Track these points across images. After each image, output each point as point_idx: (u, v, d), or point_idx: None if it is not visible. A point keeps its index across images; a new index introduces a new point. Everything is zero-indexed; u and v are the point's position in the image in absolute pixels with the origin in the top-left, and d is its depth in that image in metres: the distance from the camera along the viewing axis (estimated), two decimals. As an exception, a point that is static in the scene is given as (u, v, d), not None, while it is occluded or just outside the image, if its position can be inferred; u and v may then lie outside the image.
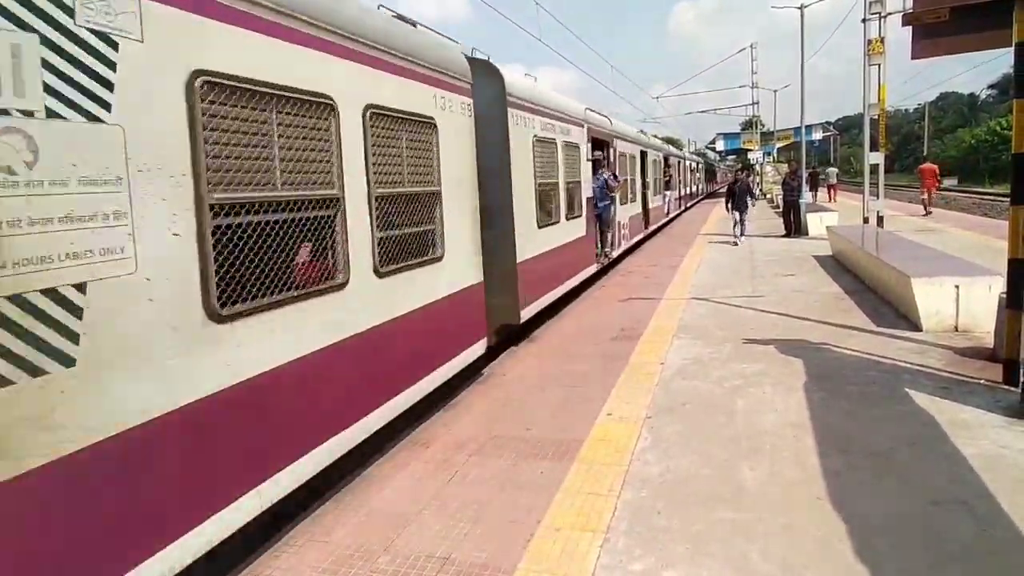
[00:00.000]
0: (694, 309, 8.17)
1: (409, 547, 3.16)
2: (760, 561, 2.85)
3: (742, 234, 15.68)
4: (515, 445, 4.32)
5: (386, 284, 4.28)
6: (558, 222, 8.61)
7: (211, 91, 2.85)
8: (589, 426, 4.52)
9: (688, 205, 31.72)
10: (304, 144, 3.50)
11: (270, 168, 3.21)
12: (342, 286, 3.81)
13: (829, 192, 28.72)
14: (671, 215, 24.02)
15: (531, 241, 7.38)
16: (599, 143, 11.76)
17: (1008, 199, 4.69)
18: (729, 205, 16.18)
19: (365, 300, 4.05)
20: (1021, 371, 4.36)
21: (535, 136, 7.67)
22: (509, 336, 7.06)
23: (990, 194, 35.31)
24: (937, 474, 3.52)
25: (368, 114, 4.10)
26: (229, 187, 2.95)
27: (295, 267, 3.51)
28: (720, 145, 55.14)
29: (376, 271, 4.16)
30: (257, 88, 3.12)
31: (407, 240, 4.61)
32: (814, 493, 3.41)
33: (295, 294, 3.39)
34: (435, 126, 5.06)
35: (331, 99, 3.71)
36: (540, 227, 7.76)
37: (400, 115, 4.53)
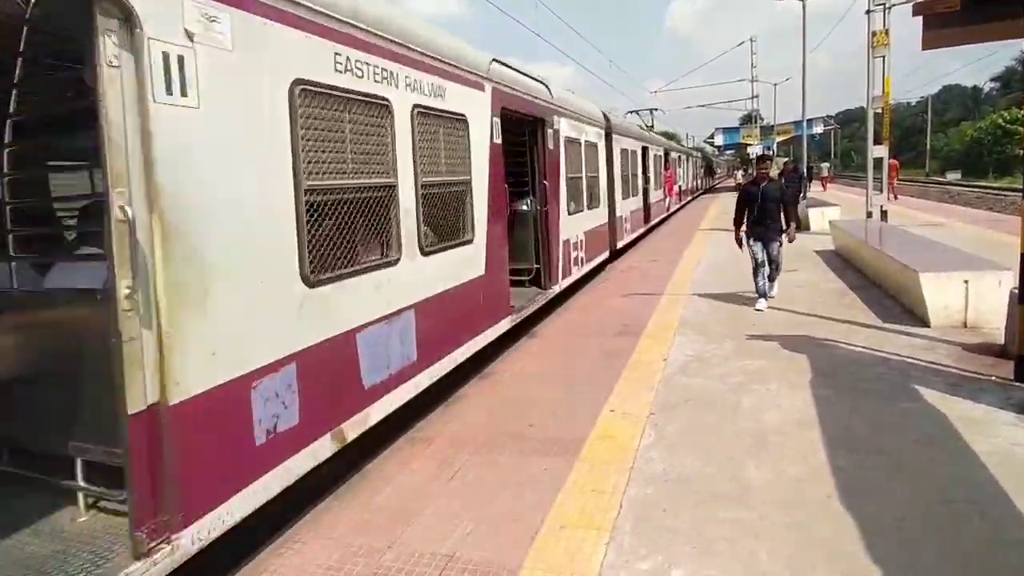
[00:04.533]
0: (696, 305, 8.12)
1: (413, 544, 3.12)
2: (768, 560, 2.81)
3: (769, 290, 7.91)
4: (518, 442, 4.28)
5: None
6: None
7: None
8: (592, 423, 4.48)
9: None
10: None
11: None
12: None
13: (823, 183, 33.04)
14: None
15: None
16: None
17: (1014, 192, 4.63)
18: (743, 230, 7.85)
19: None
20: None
21: None
22: (509, 332, 7.01)
23: (994, 188, 35.15)
24: (947, 472, 3.48)
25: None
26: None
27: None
28: (719, 139, 54.96)
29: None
30: None
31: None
32: (821, 491, 3.37)
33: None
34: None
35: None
36: None
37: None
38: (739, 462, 3.76)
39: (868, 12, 11.65)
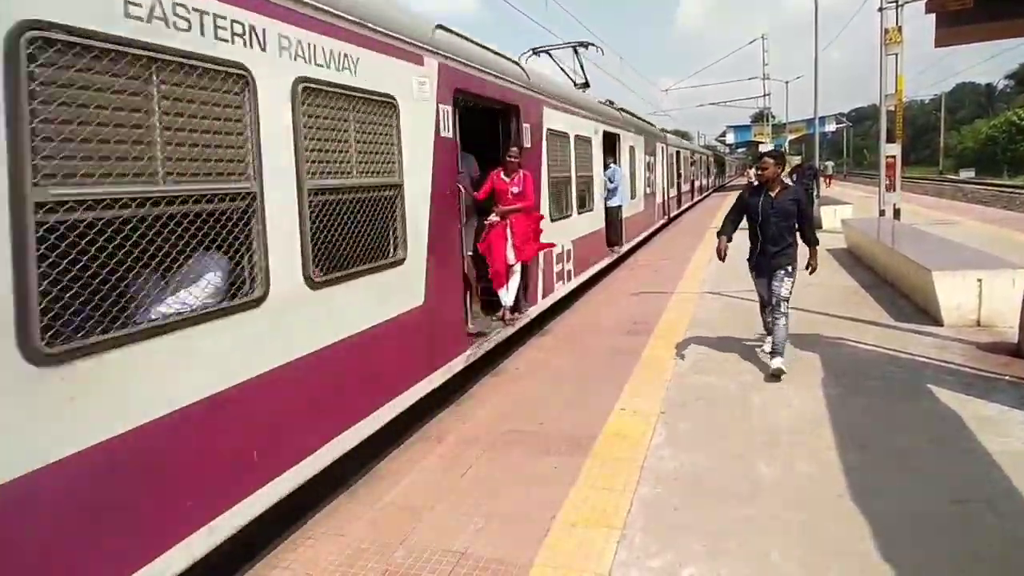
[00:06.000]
0: (706, 303, 8.09)
1: (424, 541, 3.15)
2: (780, 559, 2.81)
3: (771, 350, 5.38)
4: (528, 440, 4.29)
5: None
6: None
7: None
8: (603, 421, 4.49)
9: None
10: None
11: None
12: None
13: (827, 181, 33.11)
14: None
15: None
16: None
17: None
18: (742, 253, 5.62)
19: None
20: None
21: None
22: (522, 330, 7.01)
23: (1008, 186, 34.71)
24: (960, 472, 3.46)
25: None
26: None
27: None
28: (730, 138, 54.70)
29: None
30: None
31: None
32: (833, 490, 3.36)
33: None
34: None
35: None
36: None
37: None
38: (750, 460, 3.76)
39: (881, 9, 11.54)
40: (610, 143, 11.32)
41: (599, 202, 10.41)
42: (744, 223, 5.46)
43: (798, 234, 5.30)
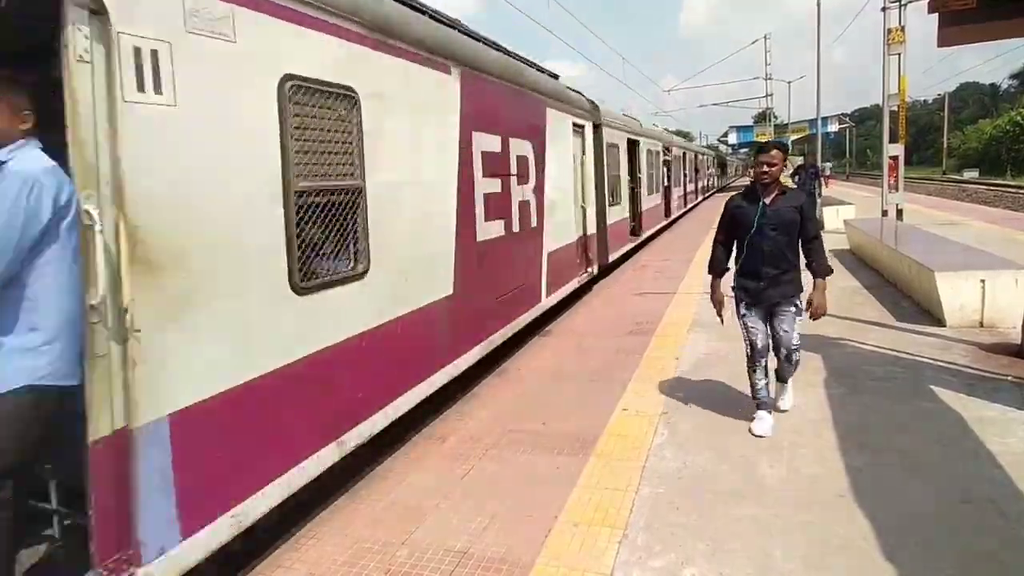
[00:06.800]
0: (708, 303, 8.06)
1: (427, 540, 3.15)
2: (782, 559, 2.81)
3: (779, 394, 4.44)
4: (531, 440, 4.30)
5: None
6: None
7: None
8: (605, 421, 4.49)
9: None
10: None
11: None
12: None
13: (825, 181, 33.65)
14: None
15: None
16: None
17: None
18: (731, 282, 4.36)
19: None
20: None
21: None
22: (523, 330, 7.02)
23: (1012, 186, 34.59)
24: (964, 472, 3.45)
25: None
26: None
27: None
28: (732, 138, 54.69)
29: None
30: None
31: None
32: (836, 490, 3.36)
33: None
34: None
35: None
36: None
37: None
38: (752, 461, 3.76)
39: (884, 9, 11.50)
40: None
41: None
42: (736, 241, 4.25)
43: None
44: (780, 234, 4.05)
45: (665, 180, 18.34)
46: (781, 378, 4.43)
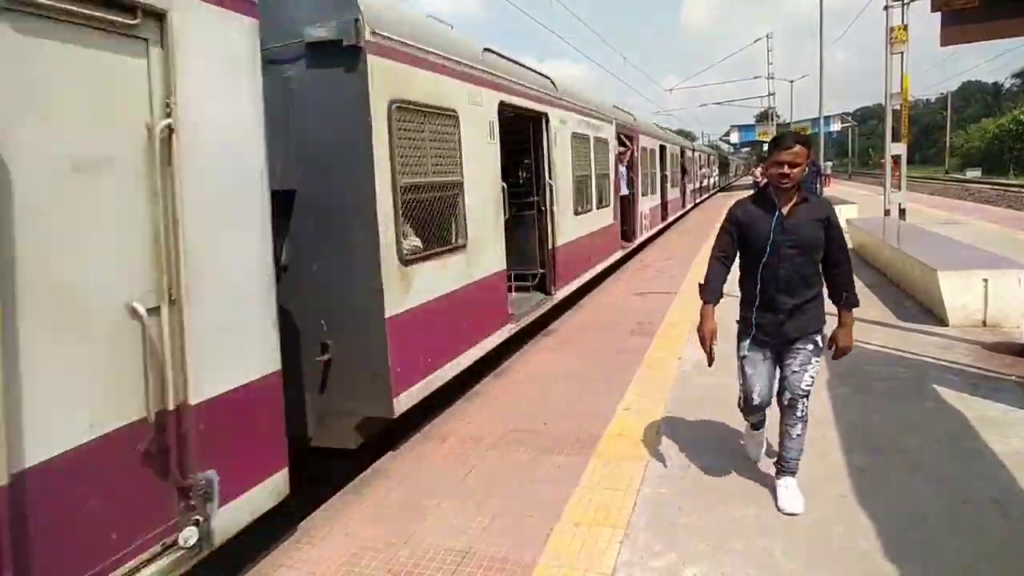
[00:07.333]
0: (711, 303, 8.05)
1: (428, 540, 3.15)
2: (783, 559, 2.80)
3: (791, 465, 3.31)
4: (532, 440, 4.30)
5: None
6: None
7: None
8: (606, 421, 4.49)
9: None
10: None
11: None
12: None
13: (825, 181, 33.45)
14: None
15: None
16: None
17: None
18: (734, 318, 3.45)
19: None
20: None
21: None
22: (524, 330, 7.03)
23: (1014, 186, 34.50)
24: (966, 472, 3.44)
25: None
26: None
27: None
28: (734, 137, 54.63)
29: None
30: None
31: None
32: (838, 490, 3.35)
33: None
34: None
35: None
36: None
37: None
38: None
39: (886, 8, 11.47)
40: None
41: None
42: (737, 259, 3.31)
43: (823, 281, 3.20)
44: (800, 254, 3.06)
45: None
46: (784, 466, 3.27)
